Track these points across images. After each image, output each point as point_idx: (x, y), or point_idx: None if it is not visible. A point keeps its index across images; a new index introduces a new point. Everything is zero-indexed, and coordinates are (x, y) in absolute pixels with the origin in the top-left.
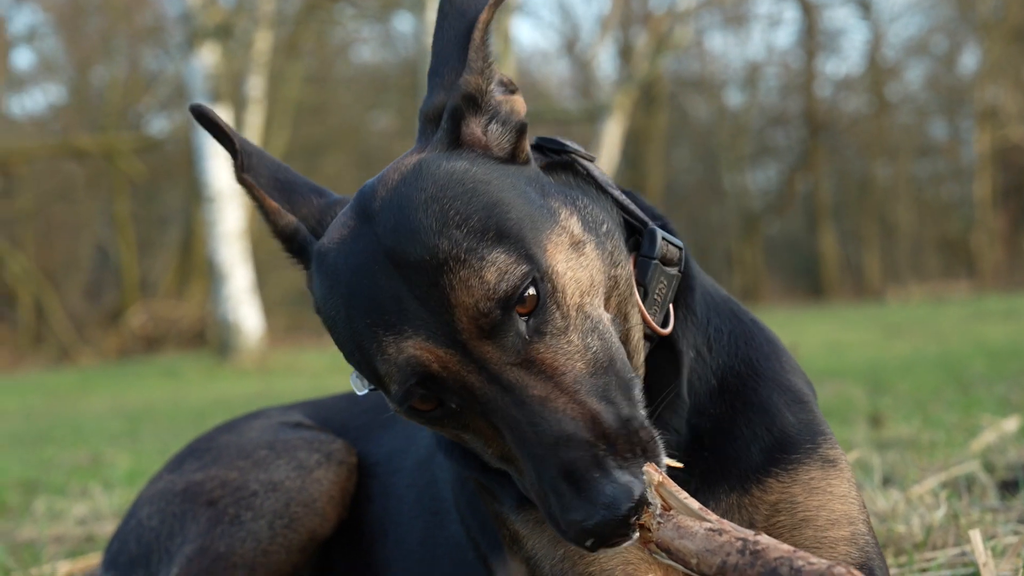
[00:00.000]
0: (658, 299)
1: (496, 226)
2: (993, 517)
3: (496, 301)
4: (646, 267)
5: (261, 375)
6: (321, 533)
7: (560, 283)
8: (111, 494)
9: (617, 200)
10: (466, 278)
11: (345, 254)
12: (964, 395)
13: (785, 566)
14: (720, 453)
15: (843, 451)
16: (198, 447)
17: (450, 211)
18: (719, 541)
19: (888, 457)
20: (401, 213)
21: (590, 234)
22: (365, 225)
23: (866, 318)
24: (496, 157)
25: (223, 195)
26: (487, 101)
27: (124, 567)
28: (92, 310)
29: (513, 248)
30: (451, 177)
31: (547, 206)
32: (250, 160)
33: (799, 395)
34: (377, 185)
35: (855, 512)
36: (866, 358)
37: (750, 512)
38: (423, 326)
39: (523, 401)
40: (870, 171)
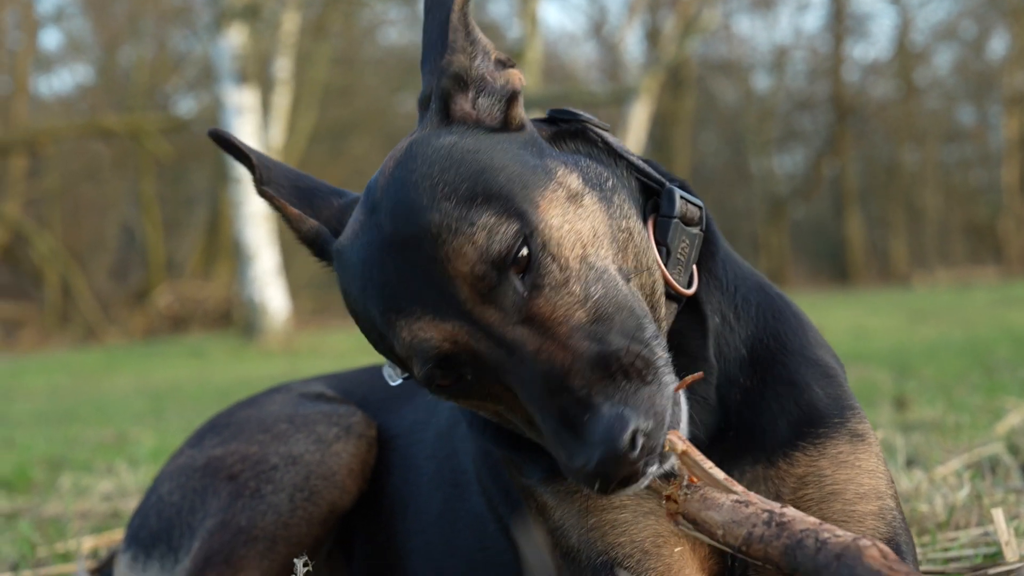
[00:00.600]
0: (681, 259)
1: (484, 191)
2: (1017, 498)
3: (490, 263)
4: (666, 226)
5: (287, 356)
6: (341, 506)
7: (554, 236)
8: (136, 471)
9: (631, 163)
10: (459, 246)
11: (357, 247)
12: (989, 379)
13: (811, 538)
14: (748, 425)
15: (871, 427)
16: (218, 422)
17: (439, 184)
18: (745, 513)
19: (912, 439)
20: (397, 196)
21: (590, 187)
22: (371, 216)
23: (892, 303)
24: (487, 128)
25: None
26: (473, 76)
27: (146, 542)
28: (118, 290)
29: (502, 208)
30: (438, 152)
31: (542, 165)
32: (268, 172)
33: (828, 370)
34: (378, 175)
35: (883, 487)
36: (891, 343)
37: (776, 484)
38: (430, 304)
39: (523, 358)
40: (897, 156)
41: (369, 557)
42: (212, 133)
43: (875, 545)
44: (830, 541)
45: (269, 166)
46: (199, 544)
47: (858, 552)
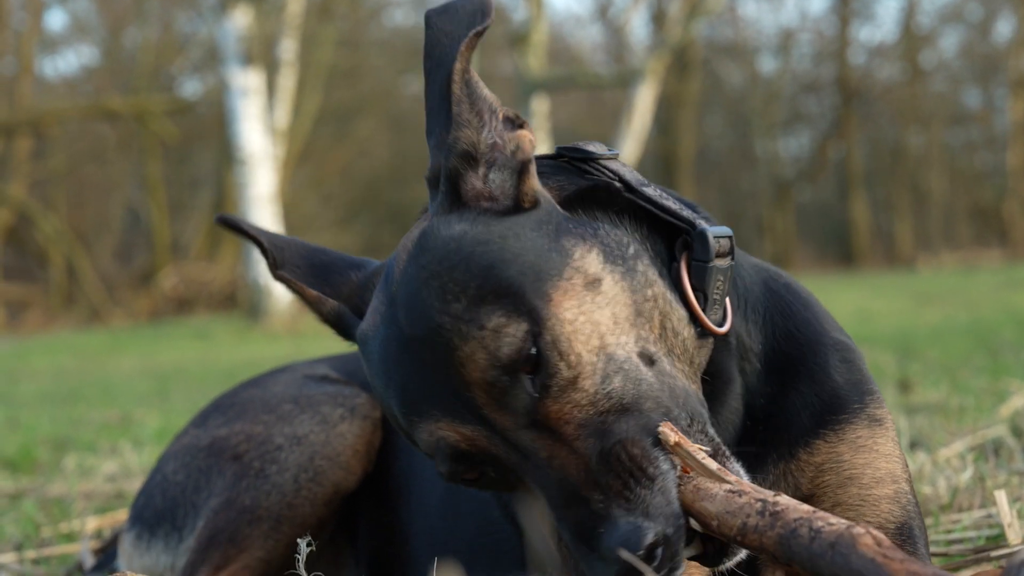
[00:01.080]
0: (717, 298)
1: (493, 288)
2: (1020, 480)
3: (500, 368)
4: (703, 272)
5: (292, 338)
6: (345, 487)
7: (565, 332)
8: (140, 452)
9: (654, 201)
10: (471, 352)
11: (378, 341)
12: (993, 361)
13: (804, 527)
14: (773, 425)
15: (889, 411)
16: (223, 402)
17: (448, 284)
18: (739, 503)
19: (916, 421)
20: (409, 295)
21: (611, 263)
22: (390, 309)
23: (897, 286)
24: (499, 209)
25: (255, 158)
26: (482, 150)
27: (150, 521)
28: (123, 271)
29: (512, 307)
30: (448, 247)
31: (557, 248)
32: (283, 254)
33: (846, 354)
34: (394, 262)
35: (899, 471)
36: (896, 326)
37: (795, 477)
38: (448, 408)
39: (538, 464)
40: (903, 139)
41: (373, 539)
42: (220, 219)
43: (869, 532)
44: (824, 530)
45: (282, 246)
46: (203, 523)
47: (852, 540)
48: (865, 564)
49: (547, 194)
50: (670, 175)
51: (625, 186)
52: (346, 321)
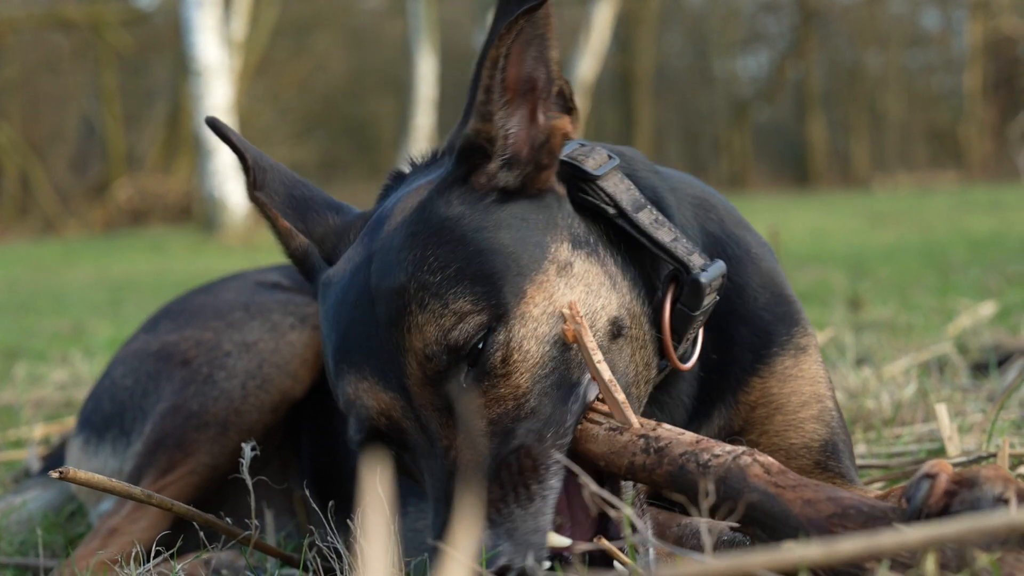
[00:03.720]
0: (691, 336)
1: (474, 274)
2: (963, 395)
3: (444, 347)
4: (685, 319)
5: (247, 251)
6: (293, 394)
7: (524, 331)
8: (91, 361)
9: (645, 232)
10: (423, 323)
11: (342, 288)
12: (943, 281)
13: (692, 462)
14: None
15: (813, 332)
16: (173, 308)
17: (430, 256)
18: (621, 441)
19: (864, 339)
20: (389, 252)
21: (579, 248)
22: (364, 262)
23: (852, 206)
24: (501, 197)
25: (210, 69)
26: (498, 149)
27: (98, 426)
28: (78, 182)
29: (484, 296)
30: (444, 224)
31: (541, 243)
32: (264, 176)
33: (774, 286)
34: (386, 219)
35: (823, 390)
36: (850, 245)
37: (732, 419)
38: (379, 367)
39: (436, 451)
40: (861, 60)
41: (319, 447)
42: (209, 121)
43: (756, 461)
44: (711, 464)
45: (266, 168)
46: (151, 427)
47: (741, 472)
48: (758, 496)
49: (559, 188)
50: (628, 93)
51: (619, 212)
52: (312, 261)
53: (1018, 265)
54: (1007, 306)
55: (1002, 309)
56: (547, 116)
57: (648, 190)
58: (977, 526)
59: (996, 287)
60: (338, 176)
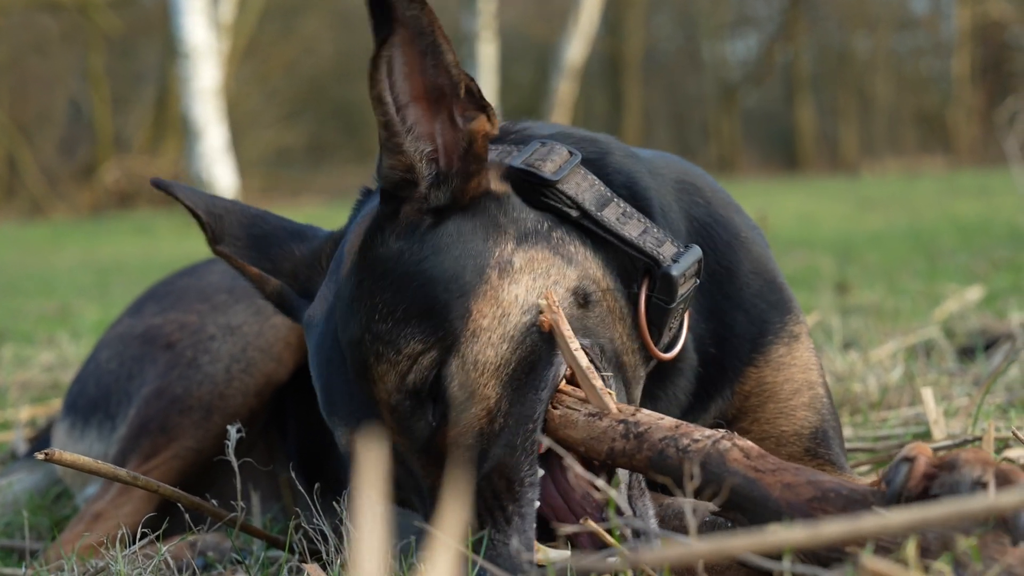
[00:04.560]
0: (673, 327)
1: (419, 309)
2: (949, 379)
3: (404, 394)
4: (662, 312)
5: None
6: (277, 377)
7: (475, 349)
8: (78, 343)
9: (611, 229)
10: (382, 373)
11: (319, 336)
12: (931, 265)
13: (671, 447)
14: (720, 368)
15: (805, 320)
16: (158, 291)
17: (379, 304)
18: (601, 427)
19: (851, 323)
20: (345, 306)
21: (524, 241)
22: (333, 305)
23: (840, 191)
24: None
25: (198, 51)
26: (420, 172)
27: (84, 409)
28: (65, 165)
29: (431, 331)
30: (385, 266)
31: (480, 251)
32: (221, 224)
33: (766, 274)
34: (342, 260)
35: (815, 377)
36: (838, 230)
37: (726, 413)
38: (361, 418)
39: (423, 491)
40: (850, 43)
41: (304, 430)
42: (154, 182)
43: (735, 445)
44: (691, 448)
45: (221, 214)
46: (135, 411)
47: (720, 457)
48: (737, 480)
49: (501, 187)
50: (617, 77)
51: (582, 213)
52: (289, 301)
53: (1005, 250)
54: (994, 291)
55: (989, 294)
56: (465, 119)
57: (622, 177)
58: (960, 509)
59: (983, 272)
60: (326, 159)
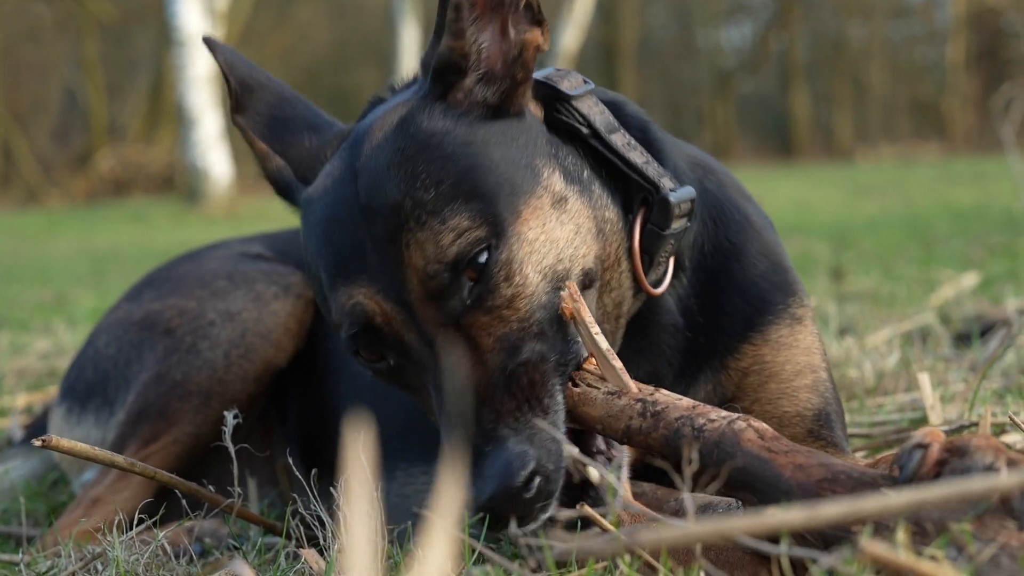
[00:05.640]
0: (662, 260)
1: (468, 190)
2: (945, 365)
3: (445, 264)
4: (654, 237)
5: (229, 221)
6: (276, 364)
7: (521, 252)
8: (74, 330)
9: (620, 154)
10: (422, 240)
11: (327, 204)
12: (926, 252)
13: (687, 426)
14: (709, 333)
15: (810, 304)
16: (157, 276)
17: (422, 172)
18: (619, 405)
19: (847, 309)
20: (379, 171)
21: (572, 184)
22: (348, 178)
23: (835, 178)
24: (484, 114)
25: (193, 39)
26: (473, 64)
27: (81, 395)
28: (60, 153)
29: (480, 212)
30: (431, 138)
31: (532, 166)
32: (249, 98)
33: (772, 255)
34: (365, 138)
35: (817, 361)
36: (833, 216)
37: (723, 387)
38: (377, 279)
39: (444, 367)
40: (844, 31)
41: (303, 418)
42: (205, 40)
43: (750, 426)
44: (706, 428)
45: (253, 88)
46: (134, 397)
47: (735, 437)
48: (751, 460)
49: (533, 106)
50: (612, 65)
51: (592, 132)
52: (286, 181)
53: (1000, 236)
54: (989, 277)
55: (984, 279)
56: (518, 30)
57: (637, 122)
58: (958, 491)
59: (978, 258)
60: None
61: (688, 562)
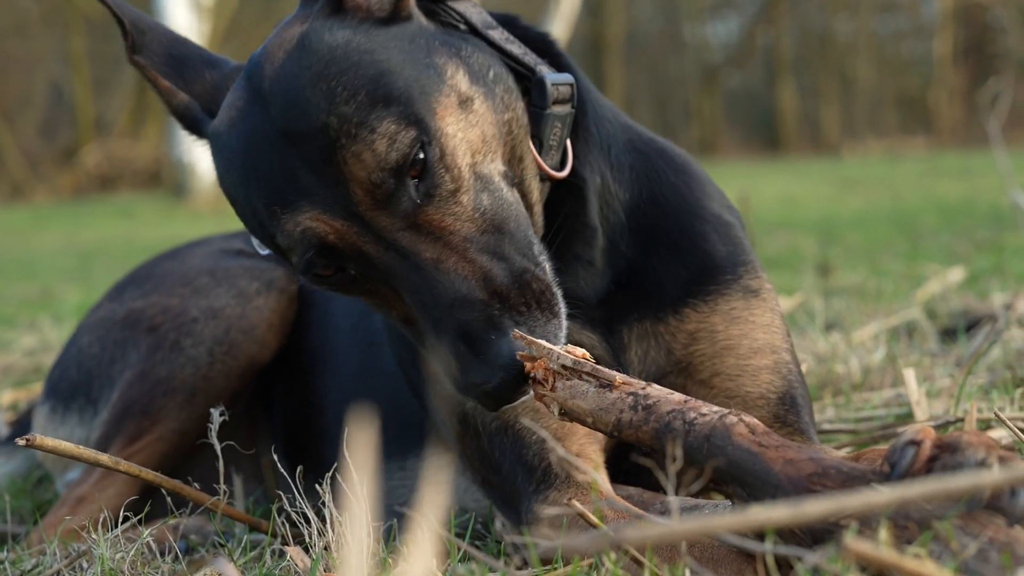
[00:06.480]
0: (553, 143)
1: (384, 95)
2: (931, 360)
3: (388, 171)
4: (539, 119)
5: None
6: (260, 360)
7: (449, 145)
8: (60, 327)
9: (498, 46)
10: (358, 152)
11: (239, 134)
12: (913, 247)
13: (678, 420)
14: (634, 288)
15: (768, 281)
16: (139, 274)
17: (337, 87)
18: (610, 399)
19: (834, 304)
20: (290, 92)
21: (478, 86)
22: (256, 105)
23: (822, 173)
24: (378, 19)
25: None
26: None
27: (65, 394)
28: (46, 148)
29: (402, 115)
30: (334, 51)
31: (433, 64)
32: (143, 39)
33: (718, 225)
34: (264, 61)
35: (778, 341)
36: (820, 211)
37: (667, 340)
38: (319, 200)
39: (418, 265)
40: (831, 26)
41: (287, 413)
42: None
43: (742, 421)
44: (697, 422)
45: (144, 30)
46: (118, 395)
47: (726, 431)
48: (741, 455)
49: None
50: (599, 59)
51: (470, 28)
52: (194, 115)
53: (987, 231)
54: (976, 272)
55: (971, 275)
56: None
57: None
58: (950, 488)
59: (965, 253)
60: None
61: (673, 560)
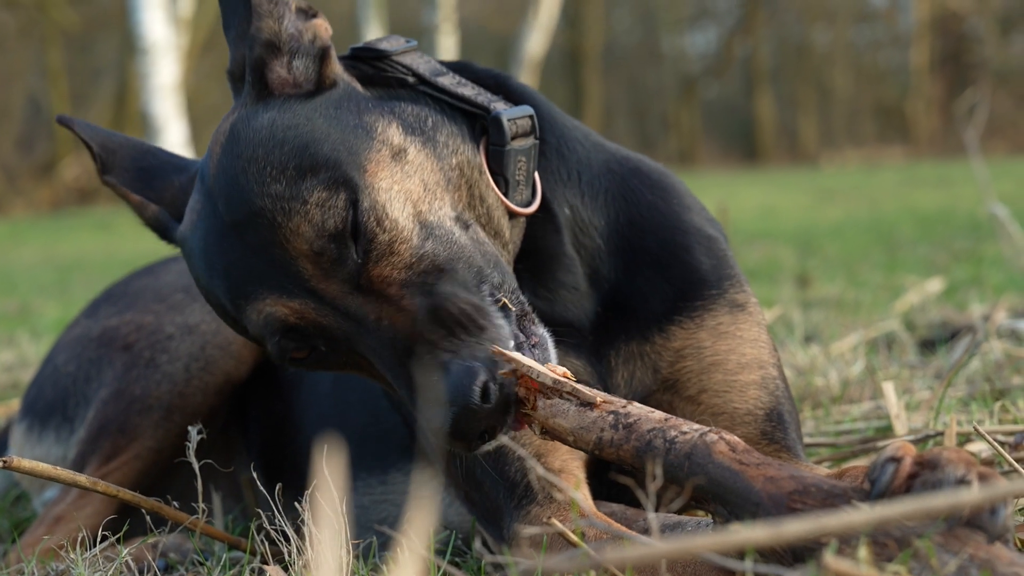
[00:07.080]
0: (520, 179)
1: (310, 165)
2: (910, 373)
3: (327, 237)
4: (500, 156)
5: None
6: (237, 376)
7: (381, 199)
8: (38, 342)
9: (449, 91)
10: (296, 226)
11: (198, 236)
12: (891, 257)
13: (659, 438)
14: (620, 308)
15: (754, 295)
16: (114, 292)
17: (266, 168)
18: (591, 417)
19: (812, 316)
20: (228, 183)
21: (413, 136)
22: (208, 202)
23: (800, 183)
24: (304, 93)
25: (157, 47)
26: (284, 40)
27: (41, 412)
28: (24, 161)
29: (331, 179)
30: (259, 134)
31: (362, 124)
32: (112, 158)
33: (701, 239)
34: (208, 158)
35: (765, 356)
36: (798, 222)
37: (653, 359)
38: (275, 284)
39: (368, 328)
40: (808, 36)
41: (264, 429)
42: (59, 119)
43: (722, 439)
44: (678, 440)
45: (113, 149)
46: (94, 413)
47: (707, 449)
48: (722, 472)
49: (347, 76)
50: (577, 70)
51: (418, 79)
52: (166, 224)
53: (965, 241)
54: (954, 282)
55: (949, 285)
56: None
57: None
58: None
59: (943, 263)
60: None
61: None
